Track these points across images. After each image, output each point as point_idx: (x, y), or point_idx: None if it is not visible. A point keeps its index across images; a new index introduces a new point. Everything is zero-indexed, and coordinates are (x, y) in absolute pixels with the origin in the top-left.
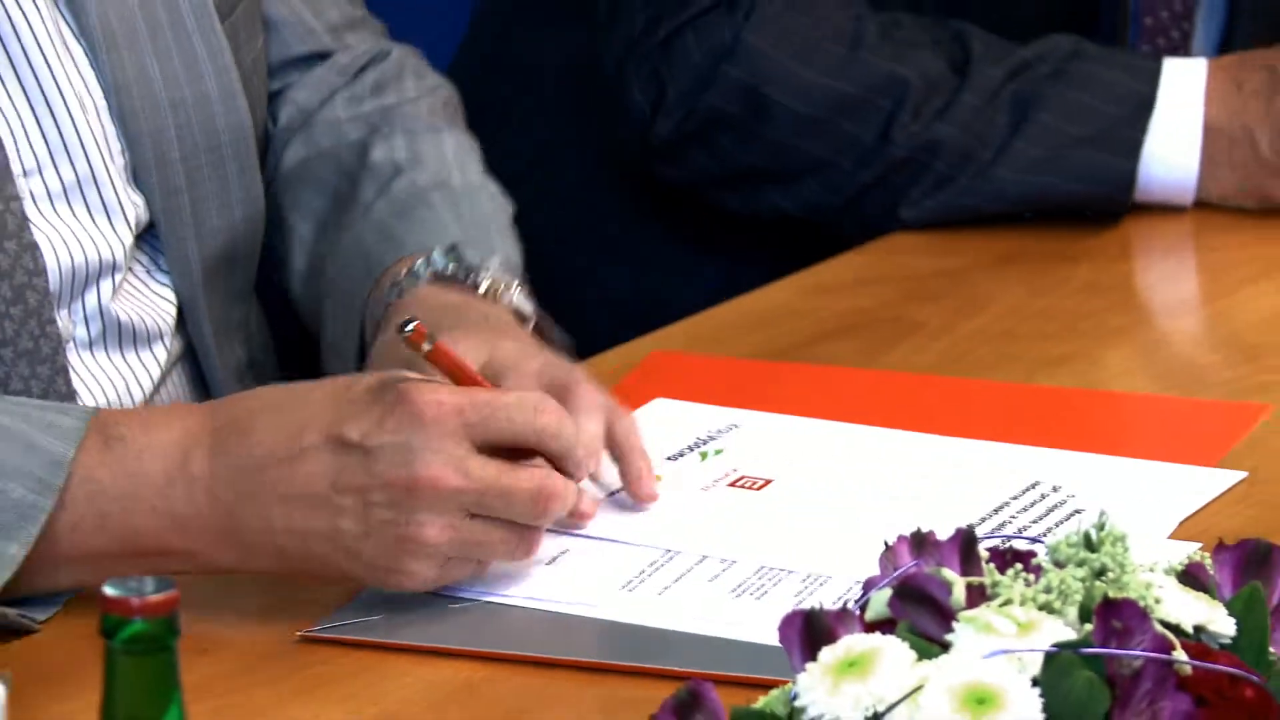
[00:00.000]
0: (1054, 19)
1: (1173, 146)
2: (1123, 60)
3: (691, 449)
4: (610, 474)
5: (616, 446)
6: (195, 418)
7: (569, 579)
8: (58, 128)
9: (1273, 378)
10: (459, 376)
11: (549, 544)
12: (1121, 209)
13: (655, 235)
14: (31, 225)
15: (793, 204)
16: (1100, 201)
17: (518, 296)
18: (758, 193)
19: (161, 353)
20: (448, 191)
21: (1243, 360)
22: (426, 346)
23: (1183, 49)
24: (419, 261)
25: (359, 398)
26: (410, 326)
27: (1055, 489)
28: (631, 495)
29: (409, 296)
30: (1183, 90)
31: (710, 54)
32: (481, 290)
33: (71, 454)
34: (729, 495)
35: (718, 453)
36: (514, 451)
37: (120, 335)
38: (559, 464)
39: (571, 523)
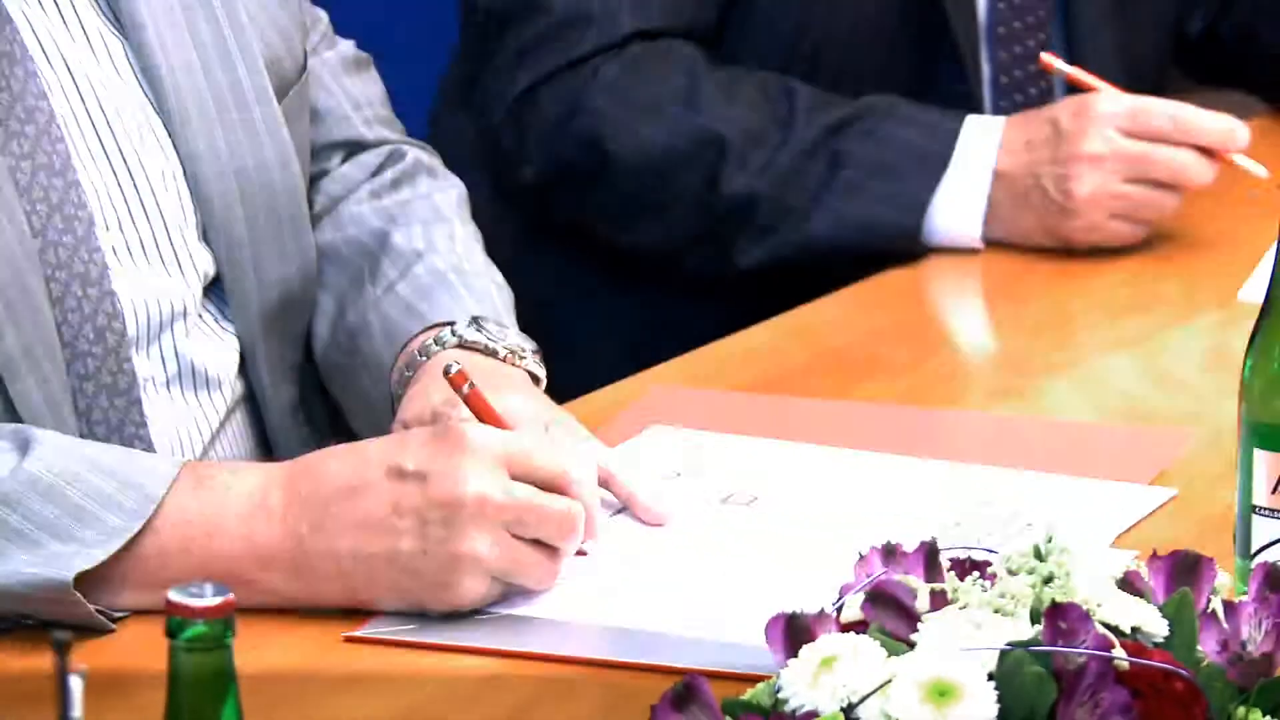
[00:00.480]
0: (909, 81)
1: (962, 198)
2: (929, 119)
3: (686, 470)
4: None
5: (621, 486)
6: (275, 468)
7: (579, 593)
8: (137, 190)
9: (1196, 407)
10: (488, 420)
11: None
12: (914, 254)
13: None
14: (111, 275)
15: (640, 245)
16: (894, 251)
17: (532, 362)
18: (618, 233)
19: (227, 393)
20: (462, 275)
21: (1170, 392)
22: (466, 389)
23: (1042, 105)
24: (444, 330)
25: (414, 438)
26: (455, 370)
27: (1008, 505)
28: (647, 521)
29: (435, 360)
30: (978, 146)
31: (560, 111)
32: (501, 356)
33: (163, 493)
34: (720, 510)
35: (710, 472)
36: None
37: (194, 377)
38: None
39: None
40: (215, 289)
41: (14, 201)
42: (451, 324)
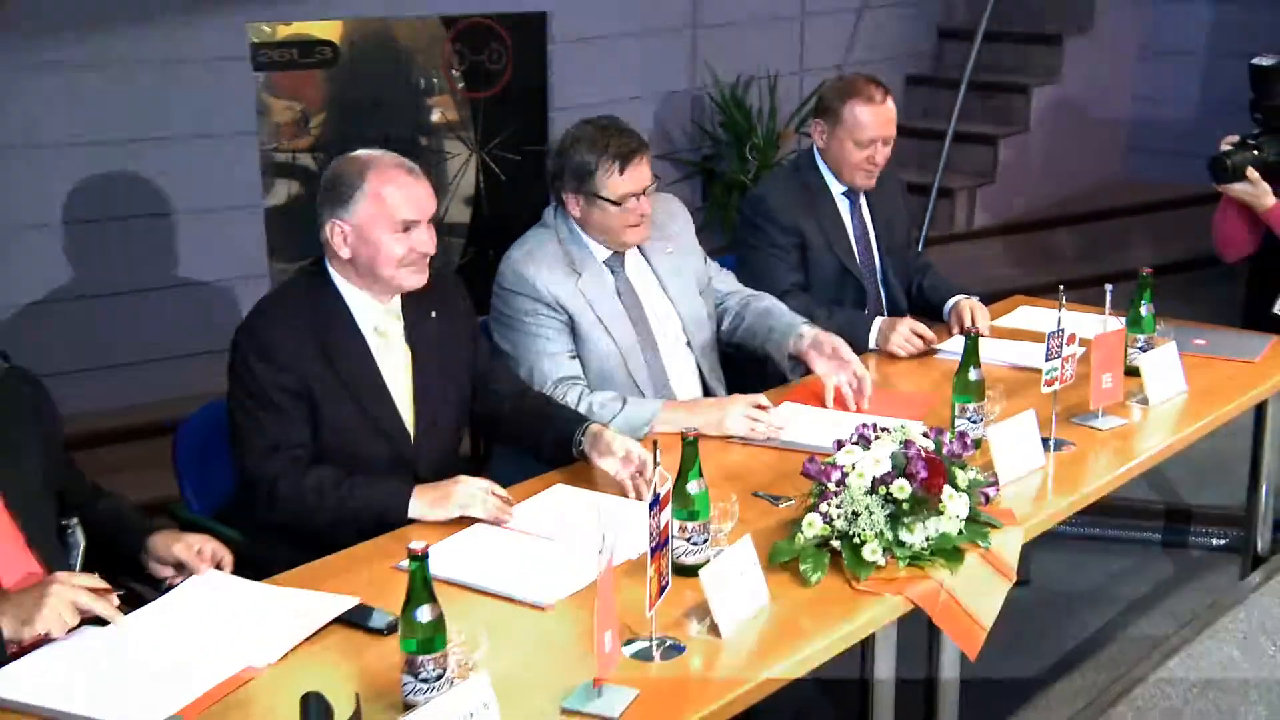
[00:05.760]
0: (838, 290)
1: (871, 335)
2: (863, 316)
3: (799, 408)
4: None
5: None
6: (686, 401)
7: (777, 433)
8: (663, 324)
9: (936, 390)
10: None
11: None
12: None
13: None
14: (660, 349)
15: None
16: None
17: (820, 332)
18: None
19: (695, 381)
20: (784, 314)
21: (933, 385)
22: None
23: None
24: (798, 328)
25: (723, 399)
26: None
27: (890, 426)
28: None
29: (797, 339)
30: (877, 322)
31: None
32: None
33: (659, 407)
34: (814, 412)
35: (806, 411)
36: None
37: (680, 377)
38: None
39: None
40: (689, 343)
41: (638, 342)
42: (798, 324)
